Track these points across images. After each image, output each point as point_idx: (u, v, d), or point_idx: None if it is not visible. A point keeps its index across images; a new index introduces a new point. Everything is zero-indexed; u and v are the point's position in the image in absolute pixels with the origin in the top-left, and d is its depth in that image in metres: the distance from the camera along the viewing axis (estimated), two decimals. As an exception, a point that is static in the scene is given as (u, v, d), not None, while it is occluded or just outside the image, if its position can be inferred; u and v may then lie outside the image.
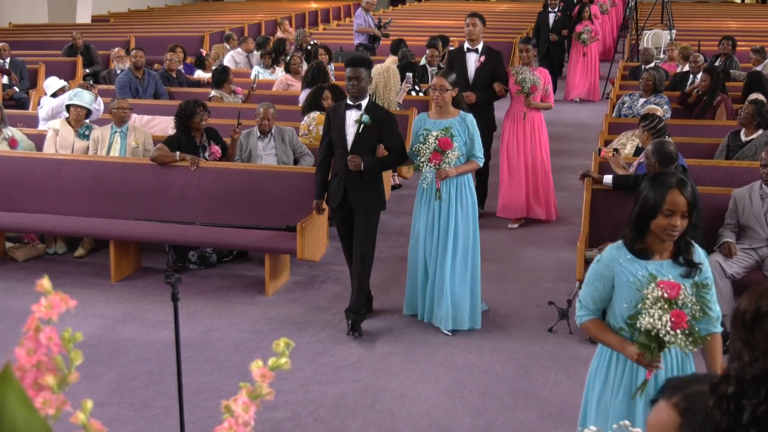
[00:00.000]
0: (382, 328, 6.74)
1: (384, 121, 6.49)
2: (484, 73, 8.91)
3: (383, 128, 6.46)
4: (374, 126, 6.42)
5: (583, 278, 6.74)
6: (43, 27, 20.28)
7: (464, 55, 9.03)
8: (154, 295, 7.36)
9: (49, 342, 1.24)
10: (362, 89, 6.43)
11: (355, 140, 6.44)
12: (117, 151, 8.45)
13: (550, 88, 9.03)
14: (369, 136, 6.44)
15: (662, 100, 9.46)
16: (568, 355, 6.27)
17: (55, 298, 1.27)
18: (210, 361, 6.16)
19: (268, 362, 1.44)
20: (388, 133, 6.50)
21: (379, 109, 6.62)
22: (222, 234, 7.59)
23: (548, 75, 9.07)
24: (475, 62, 8.97)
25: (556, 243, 8.64)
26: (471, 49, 9.02)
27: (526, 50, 8.84)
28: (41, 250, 8.39)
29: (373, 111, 6.48)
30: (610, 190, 7.07)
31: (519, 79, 8.75)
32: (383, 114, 6.57)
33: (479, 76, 8.95)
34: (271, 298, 7.35)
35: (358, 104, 6.46)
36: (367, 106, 6.48)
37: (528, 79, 8.71)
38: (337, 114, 6.53)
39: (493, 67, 8.95)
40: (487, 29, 9.70)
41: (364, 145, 6.43)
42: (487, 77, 8.95)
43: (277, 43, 13.85)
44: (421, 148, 6.41)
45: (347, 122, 6.46)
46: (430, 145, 6.37)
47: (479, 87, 8.92)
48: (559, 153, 12.31)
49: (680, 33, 17.12)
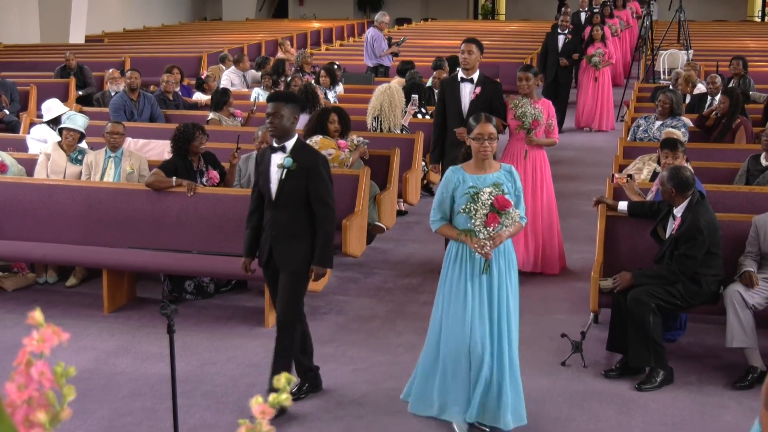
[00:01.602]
0: (386, 361, 6.72)
1: (310, 168, 5.71)
2: (480, 106, 8.00)
3: (309, 176, 5.70)
4: (299, 172, 5.71)
5: (597, 309, 6.77)
6: (35, 47, 20.41)
7: (458, 86, 8.33)
8: (149, 327, 7.36)
9: (41, 377, 1.24)
10: (283, 128, 5.70)
11: (279, 189, 5.75)
12: (111, 177, 8.48)
13: (554, 122, 8.48)
14: (295, 185, 5.72)
15: (679, 123, 9.48)
16: (582, 390, 6.24)
17: (47, 331, 1.27)
18: (207, 397, 6.14)
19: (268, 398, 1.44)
20: (314, 183, 5.71)
21: (308, 152, 5.86)
22: (220, 263, 7.59)
23: (551, 107, 8.56)
24: (470, 94, 8.27)
25: (569, 272, 8.63)
26: (465, 78, 8.30)
27: (526, 79, 8.32)
28: (31, 280, 8.40)
29: (300, 153, 5.76)
30: (626, 217, 7.07)
31: (519, 113, 8.23)
32: (311, 158, 5.78)
33: (475, 109, 7.94)
34: (271, 329, 7.33)
35: (282, 146, 5.77)
36: (294, 148, 5.76)
37: (529, 112, 8.21)
38: (264, 159, 5.88)
39: (490, 100, 8.24)
40: (496, 50, 9.66)
41: (289, 196, 5.73)
42: (483, 110, 8.17)
43: (276, 64, 13.92)
44: (473, 209, 5.29)
45: (272, 168, 5.79)
46: (484, 204, 5.28)
47: None
48: (571, 178, 12.34)
49: (697, 53, 17.18)
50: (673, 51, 17.04)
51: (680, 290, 6.31)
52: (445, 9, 33.68)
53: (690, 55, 16.41)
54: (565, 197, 11.31)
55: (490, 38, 21.66)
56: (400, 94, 10.49)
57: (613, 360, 6.58)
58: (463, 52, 8.26)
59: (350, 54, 19.15)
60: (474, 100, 8.21)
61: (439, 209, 5.49)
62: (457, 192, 5.38)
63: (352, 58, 17.78)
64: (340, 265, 8.70)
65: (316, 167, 5.73)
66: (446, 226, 5.49)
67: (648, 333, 6.16)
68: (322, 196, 5.74)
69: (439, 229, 5.54)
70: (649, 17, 17.64)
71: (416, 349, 6.86)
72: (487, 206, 5.23)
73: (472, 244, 5.26)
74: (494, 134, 5.48)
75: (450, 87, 8.44)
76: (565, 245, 9.40)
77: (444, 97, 8.43)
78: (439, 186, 5.59)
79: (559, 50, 15.45)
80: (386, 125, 10.39)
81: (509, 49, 19.53)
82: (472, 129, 5.48)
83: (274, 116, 5.67)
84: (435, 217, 5.51)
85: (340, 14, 32.38)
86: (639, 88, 13.89)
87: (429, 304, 7.76)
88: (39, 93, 13.52)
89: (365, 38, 16.25)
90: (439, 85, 8.72)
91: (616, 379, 6.36)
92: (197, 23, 31.37)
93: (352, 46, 21.49)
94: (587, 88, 15.72)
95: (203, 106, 12.39)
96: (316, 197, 5.73)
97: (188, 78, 14.70)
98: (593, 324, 7.09)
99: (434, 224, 5.54)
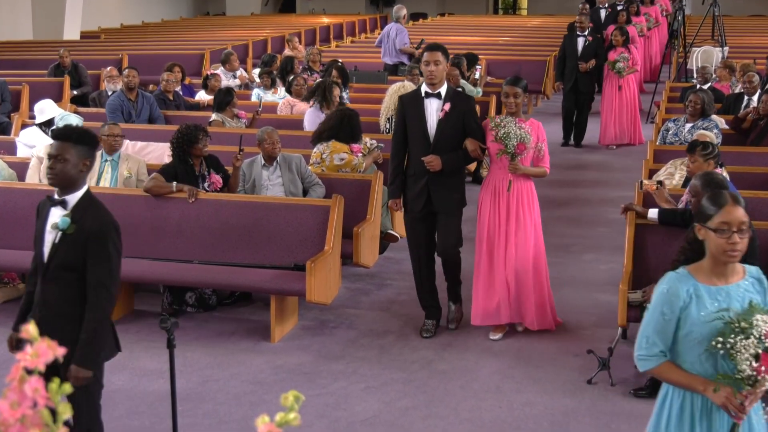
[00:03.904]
0: (401, 378, 6.72)
1: (91, 235, 4.58)
2: (451, 126, 7.17)
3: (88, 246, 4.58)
4: (78, 238, 4.61)
5: (625, 324, 6.75)
6: (27, 44, 20.53)
7: (421, 102, 7.28)
8: (148, 341, 7.37)
9: (35, 394, 1.25)
10: (67, 176, 4.64)
11: (50, 255, 4.68)
12: (107, 182, 8.51)
13: (544, 147, 7.30)
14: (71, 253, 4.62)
15: (711, 124, 9.45)
16: (609, 410, 6.23)
17: (41, 345, 1.28)
18: (209, 416, 6.15)
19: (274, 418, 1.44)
20: (93, 257, 4.57)
21: (95, 212, 4.65)
22: (223, 273, 7.61)
23: (541, 129, 7.32)
24: (438, 112, 7.23)
25: (595, 284, 8.61)
26: (431, 93, 7.26)
27: (513, 95, 7.17)
28: (22, 291, 8.43)
29: (84, 213, 4.62)
30: (656, 226, 7.05)
31: (501, 135, 7.01)
32: (97, 221, 4.62)
33: (444, 131, 7.20)
34: (277, 345, 7.35)
35: (63, 200, 4.68)
36: (77, 205, 4.64)
37: (513, 133, 6.98)
38: (41, 212, 4.82)
39: (462, 119, 7.22)
40: (518, 47, 9.47)
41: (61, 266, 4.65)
42: (454, 133, 7.22)
43: (284, 61, 13.92)
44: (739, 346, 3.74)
45: (46, 226, 4.72)
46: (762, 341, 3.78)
47: (444, 147, 7.20)
48: (598, 183, 12.33)
49: (733, 50, 17.14)
50: (706, 48, 16.99)
51: (715, 304, 6.25)
52: (463, 3, 33.69)
53: (725, 53, 16.38)
54: (592, 204, 11.29)
55: (511, 34, 21.68)
56: None
57: (642, 378, 6.56)
58: (428, 63, 7.19)
59: (362, 51, 19.18)
60: (443, 120, 7.20)
61: (659, 337, 3.74)
62: (689, 312, 3.69)
63: (364, 56, 17.80)
64: (351, 276, 8.71)
65: (100, 234, 4.60)
66: (672, 367, 3.77)
67: (680, 349, 6.11)
68: (98, 275, 4.59)
69: (658, 370, 3.81)
70: (681, 12, 17.58)
71: (432, 366, 6.88)
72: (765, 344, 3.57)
73: (728, 401, 3.59)
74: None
75: (412, 104, 7.35)
76: (591, 255, 9.41)
77: (404, 117, 7.38)
78: (653, 298, 3.81)
79: (579, 54, 14.49)
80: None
81: (531, 47, 19.51)
82: (709, 213, 3.70)
83: (56, 160, 4.61)
84: (651, 350, 3.76)
85: (351, 9, 32.44)
86: (670, 88, 13.87)
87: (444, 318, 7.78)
88: (31, 93, 13.59)
89: (386, 34, 16.15)
90: (398, 102, 7.67)
91: (646, 399, 6.33)
92: (199, 18, 31.50)
93: (364, 43, 21.52)
94: (611, 98, 14.66)
95: (205, 106, 12.42)
96: (91, 274, 4.59)
97: (190, 77, 14.73)
98: (621, 339, 7.06)
99: (648, 362, 3.80)
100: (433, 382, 6.66)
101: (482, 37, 20.76)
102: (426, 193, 7.28)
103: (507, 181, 7.20)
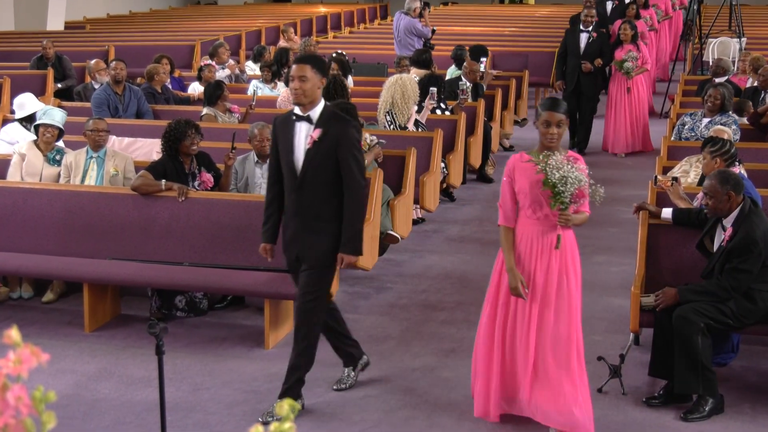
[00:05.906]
0: (402, 387, 6.72)
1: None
2: (322, 156, 6.01)
3: None
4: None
5: (638, 329, 6.75)
6: (9, 35, 20.53)
7: (292, 127, 6.14)
8: (135, 348, 7.38)
9: (18, 402, 1.25)
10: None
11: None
12: (93, 179, 8.51)
13: None
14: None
15: (729, 120, 9.45)
16: (621, 420, 6.23)
17: (24, 351, 1.28)
18: (200, 426, 6.16)
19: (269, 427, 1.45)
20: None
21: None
22: (214, 276, 7.61)
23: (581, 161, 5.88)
24: (307, 138, 6.06)
25: (606, 288, 8.61)
26: (301, 116, 6.10)
27: (557, 124, 5.77)
28: (4, 295, 8.44)
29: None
30: (670, 226, 7.05)
31: (556, 180, 5.63)
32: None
33: (312, 162, 6.04)
34: (271, 351, 7.36)
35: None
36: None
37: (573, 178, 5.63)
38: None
39: (335, 148, 6.00)
40: (525, 37, 9.34)
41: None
42: (325, 166, 6.03)
43: (278, 53, 13.90)
44: None
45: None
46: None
47: (312, 182, 6.06)
48: (610, 181, 12.31)
49: (751, 41, 17.14)
50: (723, 39, 17.00)
51: (732, 308, 6.28)
52: (468, -8, 33.69)
53: (743, 44, 16.36)
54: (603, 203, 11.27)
55: (518, 24, 21.68)
56: (413, 85, 10.46)
57: (656, 386, 6.57)
58: (293, 78, 6.04)
59: (361, 42, 19.20)
60: (311, 150, 6.01)
61: None
62: None
63: (363, 47, 17.82)
64: (349, 279, 8.71)
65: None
66: None
67: (696, 356, 6.14)
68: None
69: None
70: (696, 1, 17.54)
71: (434, 373, 6.88)
72: None
73: None
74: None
75: (283, 129, 6.19)
76: (601, 257, 9.42)
77: (277, 144, 6.27)
78: None
79: (582, 52, 13.74)
80: (401, 120, 10.39)
81: (539, 37, 19.52)
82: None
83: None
84: None
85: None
86: (685, 81, 13.84)
87: (448, 323, 7.80)
88: (13, 86, 13.58)
89: (395, 27, 16.10)
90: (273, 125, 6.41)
91: (659, 408, 6.34)
92: (189, 8, 31.48)
93: (363, 34, 21.54)
94: (618, 101, 13.93)
95: (196, 100, 12.41)
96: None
97: (179, 69, 14.72)
98: (633, 346, 7.07)
99: None
100: (435, 390, 6.66)
101: (488, 28, 20.78)
102: None
103: (554, 235, 5.86)
